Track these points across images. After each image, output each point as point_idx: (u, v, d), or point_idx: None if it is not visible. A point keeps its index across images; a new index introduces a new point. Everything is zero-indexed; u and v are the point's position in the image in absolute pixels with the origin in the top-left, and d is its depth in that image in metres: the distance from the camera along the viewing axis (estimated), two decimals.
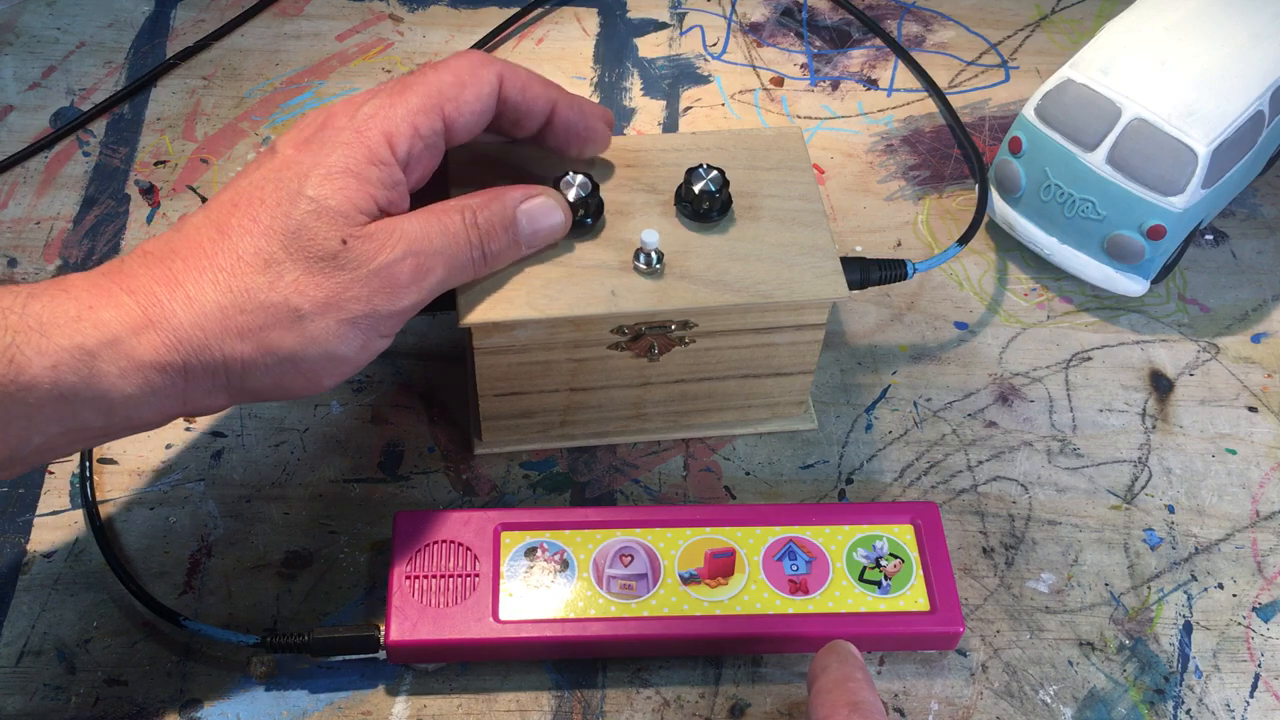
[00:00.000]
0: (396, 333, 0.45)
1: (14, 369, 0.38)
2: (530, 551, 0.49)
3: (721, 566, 0.49)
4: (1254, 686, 0.49)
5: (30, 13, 0.71)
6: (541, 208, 0.47)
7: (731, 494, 0.54)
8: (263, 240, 0.42)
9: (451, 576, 0.48)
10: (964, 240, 0.59)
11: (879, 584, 0.49)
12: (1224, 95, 0.56)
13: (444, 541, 0.48)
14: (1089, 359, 0.59)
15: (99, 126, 0.66)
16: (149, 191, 0.63)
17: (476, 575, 0.48)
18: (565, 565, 0.48)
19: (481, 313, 0.47)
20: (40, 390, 0.38)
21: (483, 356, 0.49)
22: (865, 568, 0.49)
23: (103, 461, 0.53)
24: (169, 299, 0.41)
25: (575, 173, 0.49)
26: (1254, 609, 0.51)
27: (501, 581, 0.48)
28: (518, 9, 0.72)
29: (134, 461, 0.53)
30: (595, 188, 0.49)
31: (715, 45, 0.72)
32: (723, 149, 0.53)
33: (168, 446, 0.54)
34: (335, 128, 0.44)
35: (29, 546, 0.51)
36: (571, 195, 0.48)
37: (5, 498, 0.52)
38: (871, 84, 0.70)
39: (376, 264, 0.43)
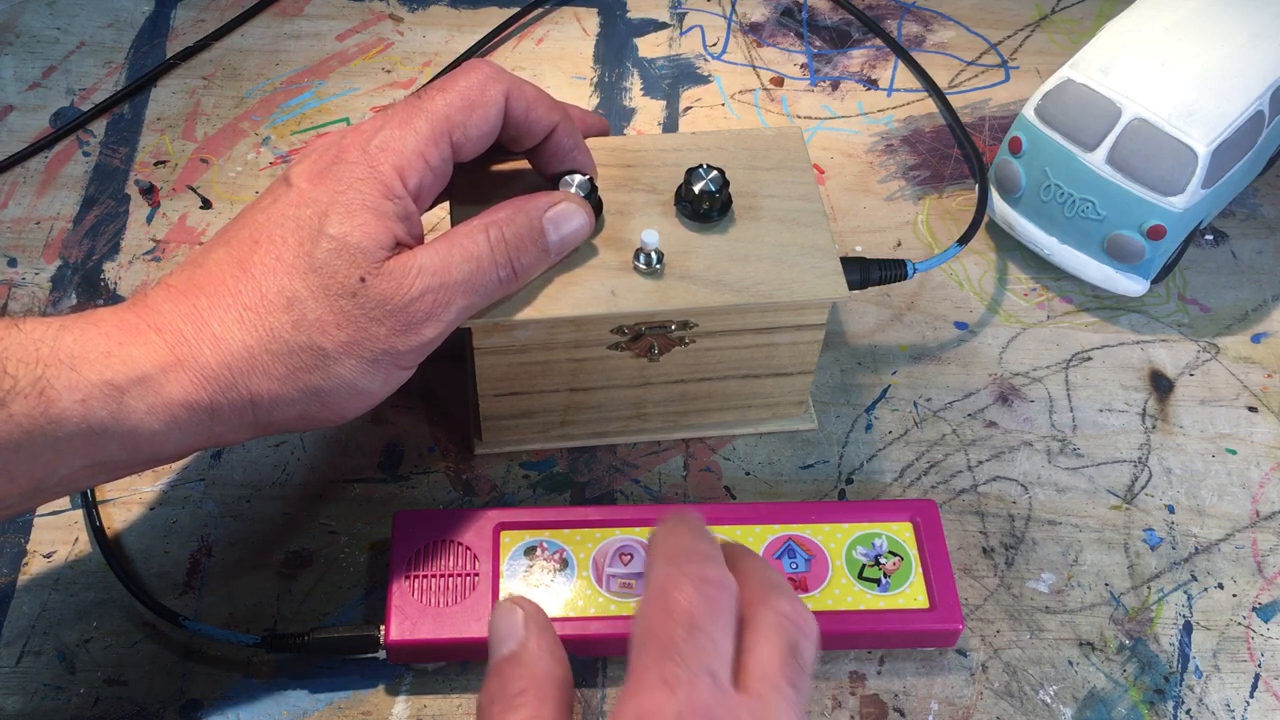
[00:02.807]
0: (419, 363, 0.46)
1: (43, 402, 0.38)
2: (530, 551, 0.49)
3: None
4: (1254, 686, 0.49)
5: (30, 13, 0.71)
6: (566, 213, 0.47)
7: (731, 494, 0.54)
8: (285, 279, 0.42)
9: (451, 576, 0.48)
10: (964, 240, 0.59)
11: (878, 582, 0.49)
12: (1224, 95, 0.56)
13: (444, 541, 0.48)
14: (1089, 359, 0.59)
15: (99, 126, 0.66)
16: (149, 191, 0.63)
17: (476, 575, 0.48)
18: (565, 564, 0.48)
19: (482, 313, 0.47)
20: (69, 425, 0.39)
21: (483, 356, 0.49)
22: (864, 565, 0.49)
23: None
24: (196, 338, 0.41)
25: (575, 173, 0.49)
26: (1254, 609, 0.51)
27: (501, 581, 0.48)
28: (518, 9, 0.72)
29: None
30: (595, 188, 0.49)
31: (715, 45, 0.72)
32: (723, 149, 0.53)
33: None
34: (349, 162, 0.44)
35: (29, 546, 0.51)
36: None
37: None
38: (871, 84, 0.70)
39: (394, 303, 0.43)
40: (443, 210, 0.53)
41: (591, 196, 0.49)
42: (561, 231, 0.47)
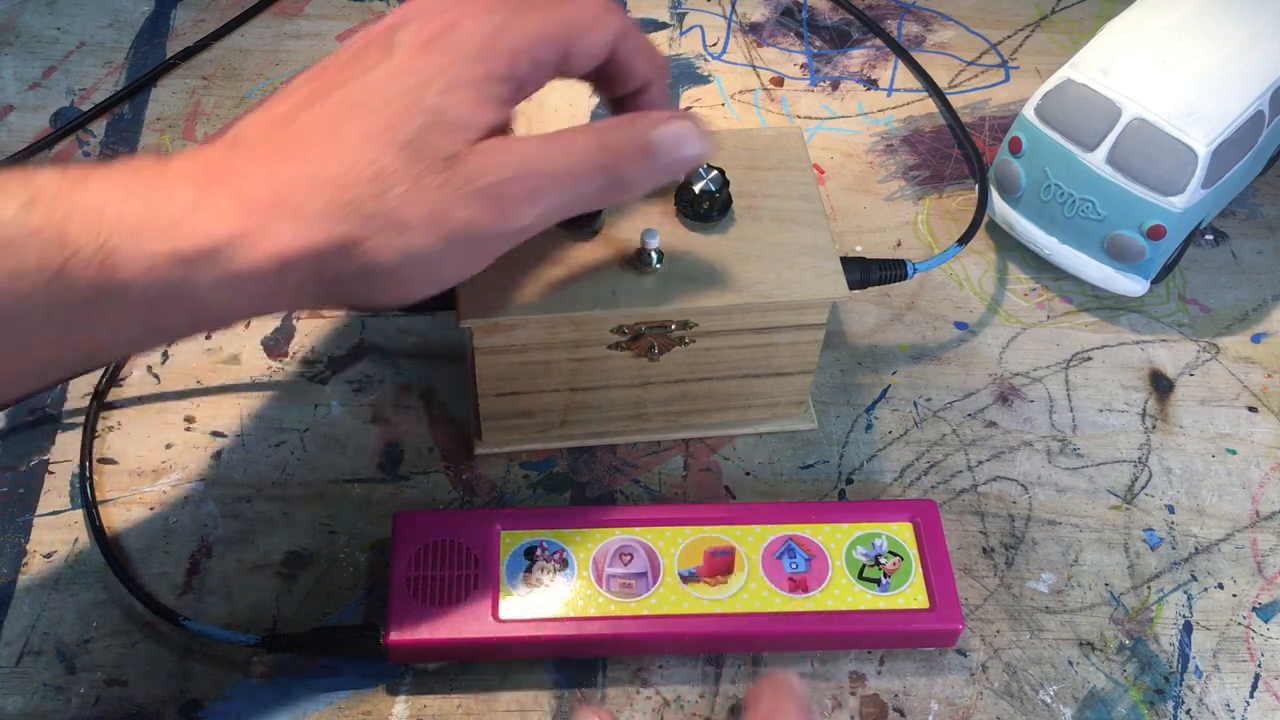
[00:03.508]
0: (496, 257, 0.43)
1: (105, 271, 0.36)
2: (530, 551, 0.49)
3: (721, 565, 0.49)
4: (1254, 686, 0.49)
5: (30, 13, 0.71)
6: (680, 132, 0.43)
7: (731, 494, 0.54)
8: (376, 151, 0.39)
9: (451, 576, 0.48)
10: (964, 240, 0.59)
11: (878, 582, 0.49)
12: (1224, 95, 0.56)
13: (444, 541, 0.48)
14: (1089, 359, 0.59)
15: (99, 126, 0.66)
16: None
17: (476, 575, 0.48)
18: (565, 564, 0.48)
19: (482, 312, 0.47)
20: (131, 295, 0.37)
21: (483, 356, 0.49)
22: (864, 565, 0.49)
23: (103, 461, 0.53)
24: (273, 208, 0.38)
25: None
26: (1254, 609, 0.51)
27: (501, 581, 0.48)
28: None
29: (134, 461, 0.53)
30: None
31: (715, 45, 0.72)
32: (723, 149, 0.53)
33: (168, 446, 0.54)
34: (461, 33, 0.41)
35: (29, 546, 0.51)
36: None
37: (5, 498, 0.52)
38: (871, 84, 0.70)
39: (484, 182, 0.40)
40: None
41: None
42: (675, 152, 0.44)
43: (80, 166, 0.38)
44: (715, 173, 0.50)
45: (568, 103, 0.67)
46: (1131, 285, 0.59)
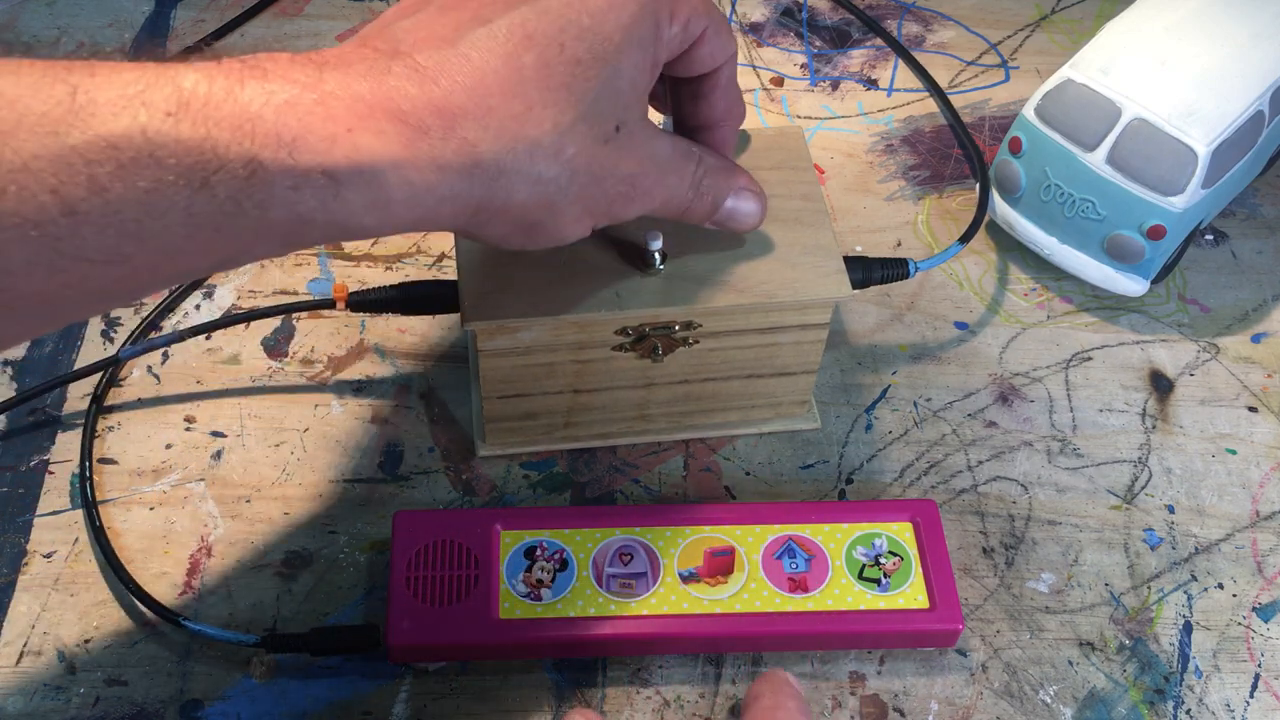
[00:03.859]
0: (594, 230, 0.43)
1: (252, 186, 0.33)
2: (530, 551, 0.49)
3: (721, 565, 0.49)
4: (1254, 686, 0.49)
5: (30, 13, 0.71)
6: (749, 212, 0.47)
7: (731, 494, 0.54)
8: (559, 105, 0.37)
9: (451, 576, 0.48)
10: (965, 239, 0.59)
11: (878, 581, 0.49)
12: (1224, 95, 0.56)
13: (444, 541, 0.48)
14: (1089, 359, 0.59)
15: None
16: None
17: (476, 575, 0.48)
18: (565, 564, 0.48)
19: (486, 315, 0.47)
20: (275, 211, 0.34)
21: (487, 359, 0.49)
22: (864, 565, 0.49)
23: (103, 461, 0.53)
24: (442, 139, 0.36)
25: None
26: (1254, 609, 0.51)
27: (501, 581, 0.48)
28: None
29: (134, 461, 0.53)
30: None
31: None
32: None
33: (168, 446, 0.54)
34: None
35: (29, 546, 0.51)
36: None
37: (5, 498, 0.52)
38: (871, 84, 0.70)
39: (630, 170, 0.40)
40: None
41: None
42: (734, 222, 0.46)
43: (231, 65, 0.34)
44: None
45: None
46: (1131, 285, 0.59)
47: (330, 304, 0.53)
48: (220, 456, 0.54)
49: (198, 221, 0.33)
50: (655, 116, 0.47)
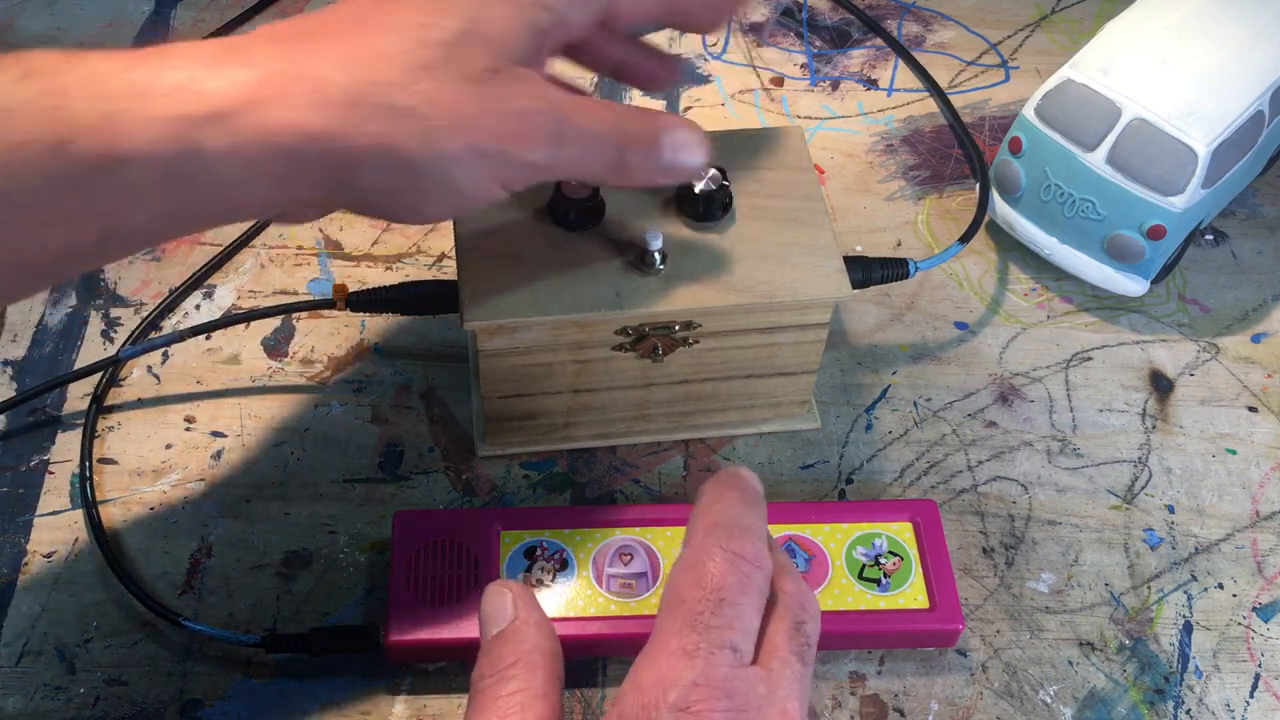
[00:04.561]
0: (514, 192, 0.42)
1: (107, 140, 0.34)
2: (530, 551, 0.49)
3: None
4: (1254, 686, 0.49)
5: (30, 13, 0.71)
6: (686, 140, 0.44)
7: None
8: (409, 44, 0.38)
9: (451, 576, 0.48)
10: (965, 239, 0.59)
11: (878, 582, 0.49)
12: (1224, 95, 0.56)
13: (444, 541, 0.48)
14: (1089, 359, 0.59)
15: None
16: None
17: (476, 575, 0.48)
18: (565, 564, 0.48)
19: (486, 315, 0.47)
20: (136, 164, 0.35)
21: (487, 359, 0.49)
22: (864, 565, 0.49)
23: (103, 461, 0.53)
24: (290, 78, 0.37)
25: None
26: (1254, 609, 0.51)
27: None
28: None
29: (134, 461, 0.53)
30: (597, 189, 0.49)
31: (715, 45, 0.72)
32: (723, 149, 0.53)
33: (168, 446, 0.54)
34: None
35: (29, 546, 0.51)
36: (572, 197, 0.48)
37: (5, 498, 0.52)
38: (871, 84, 0.70)
39: (517, 105, 0.39)
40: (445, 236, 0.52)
41: (594, 198, 0.49)
42: (678, 155, 0.44)
43: (78, 50, 0.36)
44: (716, 172, 0.50)
45: None
46: (1131, 285, 0.59)
47: (330, 304, 0.53)
48: (220, 456, 0.54)
49: (61, 185, 0.35)
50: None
